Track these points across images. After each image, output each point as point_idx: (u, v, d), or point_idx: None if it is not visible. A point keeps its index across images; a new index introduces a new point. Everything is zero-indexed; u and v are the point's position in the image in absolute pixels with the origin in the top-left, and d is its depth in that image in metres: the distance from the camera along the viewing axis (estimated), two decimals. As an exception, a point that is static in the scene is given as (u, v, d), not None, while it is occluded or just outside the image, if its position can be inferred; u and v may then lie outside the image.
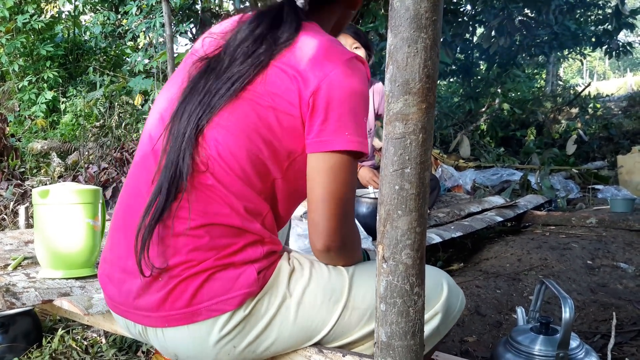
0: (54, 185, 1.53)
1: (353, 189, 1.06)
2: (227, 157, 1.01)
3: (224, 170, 1.01)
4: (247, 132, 1.01)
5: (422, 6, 0.88)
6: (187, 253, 0.99)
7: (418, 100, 0.90)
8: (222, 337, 1.00)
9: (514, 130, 7.81)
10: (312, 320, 1.05)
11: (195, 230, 0.99)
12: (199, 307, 0.98)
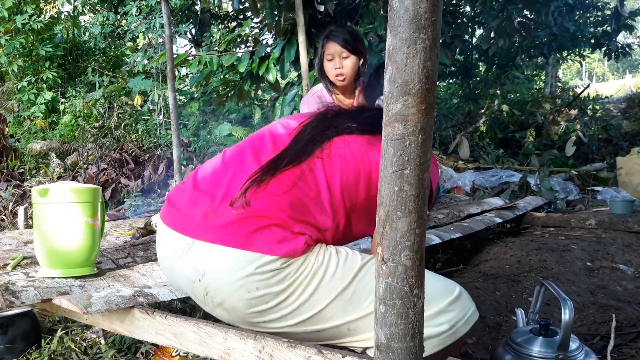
0: (54, 184, 1.53)
1: None
2: (343, 168, 1.30)
3: (335, 174, 1.29)
4: (357, 167, 1.32)
5: (421, 7, 0.87)
6: (268, 206, 1.22)
7: (417, 101, 0.90)
8: (254, 274, 1.17)
9: (513, 131, 7.81)
10: (321, 299, 1.20)
11: (284, 197, 1.24)
12: (255, 240, 1.18)
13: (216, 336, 1.24)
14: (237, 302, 1.20)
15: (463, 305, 1.23)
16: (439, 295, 1.21)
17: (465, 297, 1.25)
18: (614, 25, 7.91)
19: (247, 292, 1.18)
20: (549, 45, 8.56)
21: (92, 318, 1.48)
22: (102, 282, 1.52)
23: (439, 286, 1.24)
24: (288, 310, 1.20)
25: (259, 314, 1.20)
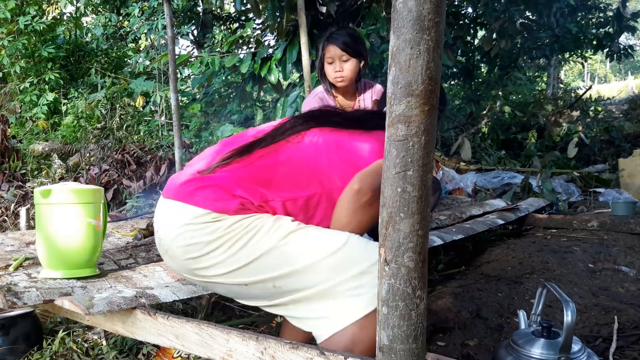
0: (56, 185, 1.53)
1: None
2: (311, 155, 1.45)
3: (300, 158, 1.44)
4: (327, 157, 1.45)
5: (424, 8, 0.87)
6: (223, 173, 1.39)
7: (420, 102, 0.90)
8: (189, 224, 1.34)
9: (515, 133, 7.80)
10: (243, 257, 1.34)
11: (241, 169, 1.40)
12: (195, 196, 1.36)
13: (218, 337, 1.24)
14: (176, 249, 1.38)
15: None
16: (362, 257, 1.28)
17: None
18: (616, 27, 7.89)
19: (183, 240, 1.35)
20: (551, 46, 8.55)
21: (94, 319, 1.48)
22: (104, 283, 1.52)
23: (362, 249, 1.30)
24: (216, 260, 1.34)
25: (193, 260, 1.36)
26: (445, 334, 1.95)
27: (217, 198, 1.36)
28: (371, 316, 1.22)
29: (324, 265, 1.28)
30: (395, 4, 0.90)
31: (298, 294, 1.31)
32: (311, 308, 1.30)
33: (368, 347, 1.22)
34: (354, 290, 1.25)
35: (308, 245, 1.32)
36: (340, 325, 1.24)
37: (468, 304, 2.16)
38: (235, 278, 1.35)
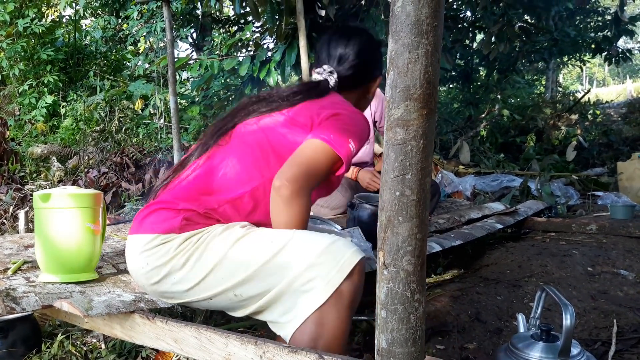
0: (55, 189, 1.53)
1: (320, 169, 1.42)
2: (240, 152, 1.49)
3: (232, 157, 1.48)
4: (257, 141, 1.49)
5: (423, 12, 0.88)
6: (165, 195, 1.45)
7: (419, 106, 0.90)
8: (143, 252, 1.38)
9: (513, 136, 7.81)
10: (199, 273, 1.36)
11: (179, 186, 1.45)
12: (144, 224, 1.41)
13: (217, 341, 1.24)
14: (139, 278, 1.43)
15: (334, 253, 1.26)
16: (307, 251, 1.27)
17: (337, 245, 1.28)
18: (615, 31, 7.91)
19: (142, 268, 1.40)
20: (549, 50, 8.57)
21: (93, 323, 1.48)
22: (103, 287, 1.52)
23: (307, 242, 1.30)
24: (175, 280, 1.37)
25: (157, 285, 1.40)
26: (444, 338, 1.95)
27: (162, 219, 1.39)
28: (325, 309, 1.23)
29: (273, 266, 1.29)
30: (394, 8, 0.90)
31: (261, 299, 1.32)
32: (277, 310, 1.31)
33: (329, 344, 1.23)
34: (306, 285, 1.26)
35: (255, 249, 1.32)
36: (299, 322, 1.25)
37: (467, 307, 2.16)
38: (198, 295, 1.37)
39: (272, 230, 1.37)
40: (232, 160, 1.46)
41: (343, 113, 1.50)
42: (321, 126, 1.45)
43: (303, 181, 1.35)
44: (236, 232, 1.37)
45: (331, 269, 1.24)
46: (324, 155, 1.40)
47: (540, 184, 4.39)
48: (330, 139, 1.40)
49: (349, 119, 1.49)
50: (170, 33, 3.86)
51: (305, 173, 1.36)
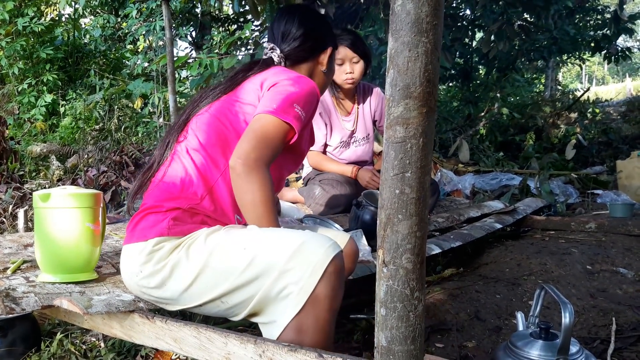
0: (55, 188, 1.53)
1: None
2: (199, 143, 1.49)
3: (193, 148, 1.49)
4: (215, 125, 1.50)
5: (422, 10, 0.88)
6: (147, 199, 1.46)
7: (419, 104, 0.91)
8: (138, 259, 1.36)
9: (513, 134, 7.81)
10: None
11: (157, 187, 1.46)
12: (135, 233, 1.40)
13: (216, 340, 1.24)
14: (133, 286, 1.42)
15: (305, 257, 1.21)
16: (276, 256, 1.24)
17: (308, 246, 1.23)
18: (614, 29, 7.90)
19: (135, 276, 1.39)
20: (549, 48, 8.57)
21: (92, 322, 1.48)
22: (103, 288, 1.52)
23: (277, 246, 1.25)
24: (167, 287, 1.36)
25: (152, 290, 1.38)
26: (444, 336, 1.96)
27: (151, 225, 1.38)
28: (302, 316, 1.21)
29: (250, 275, 1.27)
30: (394, 6, 0.90)
31: (249, 306, 1.30)
32: (266, 315, 1.30)
33: (313, 345, 1.20)
34: (282, 292, 1.24)
35: (230, 258, 1.30)
36: (279, 330, 1.24)
37: (466, 306, 2.16)
38: (189, 303, 1.37)
39: (246, 233, 1.34)
40: (195, 153, 1.47)
41: (284, 79, 1.49)
42: (264, 99, 1.46)
43: (256, 155, 1.36)
44: (216, 239, 1.35)
45: (303, 273, 1.20)
46: (272, 126, 1.40)
47: (539, 183, 4.39)
48: (273, 109, 1.41)
49: (291, 83, 1.48)
50: (170, 32, 3.86)
51: (255, 147, 1.36)
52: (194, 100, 1.59)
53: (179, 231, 1.37)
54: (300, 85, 1.49)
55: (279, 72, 1.54)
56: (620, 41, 11.02)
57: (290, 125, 1.42)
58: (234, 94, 1.54)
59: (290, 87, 1.47)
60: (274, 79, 1.50)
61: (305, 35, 1.67)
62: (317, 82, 1.72)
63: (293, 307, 1.21)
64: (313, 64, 1.71)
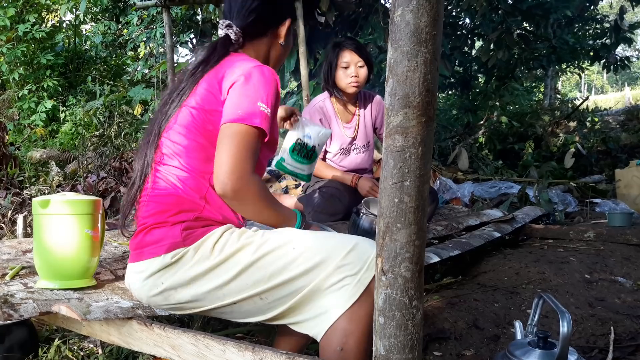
0: (54, 195, 1.53)
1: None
2: (176, 150, 1.45)
3: (172, 157, 1.45)
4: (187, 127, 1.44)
5: (422, 21, 0.89)
6: (144, 214, 1.43)
7: (418, 113, 0.91)
8: (154, 274, 1.36)
9: (512, 143, 7.82)
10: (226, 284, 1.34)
11: (151, 201, 1.42)
12: (144, 251, 1.38)
13: (214, 348, 1.24)
14: (152, 299, 1.41)
15: (361, 253, 1.29)
16: (333, 252, 1.29)
17: (363, 245, 1.31)
18: (613, 38, 7.95)
19: (155, 288, 1.38)
20: (548, 57, 8.61)
21: (90, 329, 1.48)
22: (101, 294, 1.52)
23: (332, 244, 1.32)
24: (197, 289, 1.35)
25: (176, 298, 1.37)
26: (442, 344, 1.95)
27: (160, 239, 1.37)
28: (356, 307, 1.26)
29: (302, 271, 1.30)
30: (393, 16, 0.91)
31: (289, 301, 1.32)
32: (305, 310, 1.32)
33: (360, 339, 1.25)
34: (336, 285, 1.28)
35: (280, 256, 1.32)
36: (331, 321, 1.27)
37: (464, 314, 2.16)
38: (222, 300, 1.36)
39: (290, 234, 1.37)
40: (177, 170, 1.43)
41: (240, 75, 1.42)
42: (227, 104, 1.41)
43: (237, 173, 1.33)
44: (255, 239, 1.37)
45: (361, 267, 1.27)
46: (242, 134, 1.35)
47: (538, 191, 4.39)
48: (239, 116, 1.36)
49: (248, 79, 1.41)
50: (170, 38, 3.87)
51: (234, 165, 1.33)
52: (162, 106, 1.53)
53: (194, 239, 1.37)
54: (257, 78, 1.42)
55: (234, 66, 1.46)
56: (619, 50, 11.08)
57: (258, 127, 1.37)
58: (197, 100, 1.46)
59: (248, 84, 1.40)
60: (231, 78, 1.43)
61: (261, 6, 1.59)
62: (274, 55, 1.66)
63: (349, 297, 1.26)
64: (272, 38, 1.63)
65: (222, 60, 1.51)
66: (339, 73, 2.87)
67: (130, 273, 1.44)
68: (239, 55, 1.55)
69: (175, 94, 1.51)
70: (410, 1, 0.88)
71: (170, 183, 1.42)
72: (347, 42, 2.85)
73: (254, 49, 1.61)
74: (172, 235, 1.36)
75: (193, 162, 1.42)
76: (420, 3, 0.87)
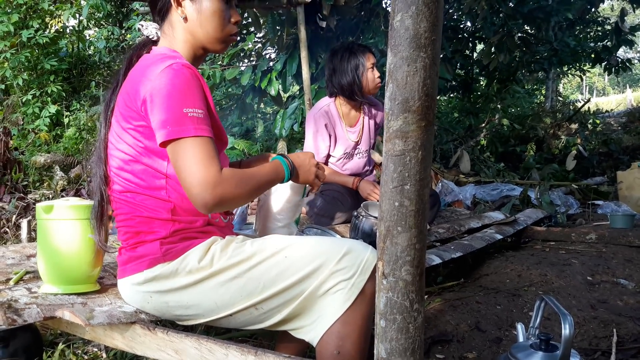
0: (58, 200, 1.54)
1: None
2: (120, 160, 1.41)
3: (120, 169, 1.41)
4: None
5: (421, 26, 0.89)
6: (122, 235, 1.44)
7: (417, 118, 0.92)
8: (139, 289, 1.38)
9: (513, 145, 7.82)
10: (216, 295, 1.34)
11: (122, 221, 1.43)
12: (126, 266, 1.41)
13: (217, 352, 1.25)
14: (150, 310, 1.42)
15: (354, 257, 1.29)
16: (326, 258, 1.29)
17: (356, 249, 1.30)
18: (615, 41, 7.95)
19: (147, 303, 1.39)
20: (549, 60, 8.61)
21: (94, 333, 1.49)
22: (105, 299, 1.53)
23: (325, 249, 1.30)
24: (188, 303, 1.36)
25: (169, 310, 1.39)
26: (444, 347, 1.96)
27: (142, 255, 1.37)
28: (352, 310, 1.26)
29: (296, 279, 1.30)
30: (393, 22, 0.92)
31: (285, 310, 1.32)
32: (302, 317, 1.33)
33: (356, 342, 1.26)
34: (331, 290, 1.28)
35: (272, 265, 1.31)
36: (326, 325, 1.27)
37: (467, 317, 2.16)
38: (217, 314, 1.36)
39: (281, 241, 1.36)
40: (133, 194, 1.39)
41: (152, 90, 1.28)
42: (154, 122, 1.28)
43: (208, 184, 1.24)
44: (244, 249, 1.36)
45: (354, 272, 1.27)
46: (188, 148, 1.25)
47: (540, 193, 4.39)
48: (170, 131, 1.25)
49: (162, 90, 1.27)
50: (172, 44, 3.88)
51: (200, 179, 1.23)
52: (103, 112, 1.46)
53: (175, 254, 1.36)
54: (168, 85, 1.27)
55: (146, 72, 1.33)
56: (621, 52, 11.08)
57: (201, 135, 1.27)
58: (123, 116, 1.37)
59: (163, 95, 1.27)
60: (146, 88, 1.30)
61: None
62: (191, 40, 1.45)
63: (344, 302, 1.26)
64: (174, 15, 1.44)
65: (136, 64, 1.42)
66: (367, 74, 2.91)
67: (120, 288, 1.46)
68: (151, 53, 1.44)
69: (102, 115, 1.46)
70: (409, 7, 0.89)
71: (131, 208, 1.40)
72: (364, 46, 2.95)
73: (166, 37, 1.47)
74: (152, 251, 1.36)
75: (143, 183, 1.38)
76: (420, 8, 0.88)
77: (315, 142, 2.96)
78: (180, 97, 1.27)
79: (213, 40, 1.45)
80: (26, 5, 7.67)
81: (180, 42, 1.45)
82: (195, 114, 1.27)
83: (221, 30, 1.45)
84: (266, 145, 7.42)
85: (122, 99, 1.38)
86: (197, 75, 1.33)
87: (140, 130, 1.34)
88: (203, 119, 1.28)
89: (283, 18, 6.15)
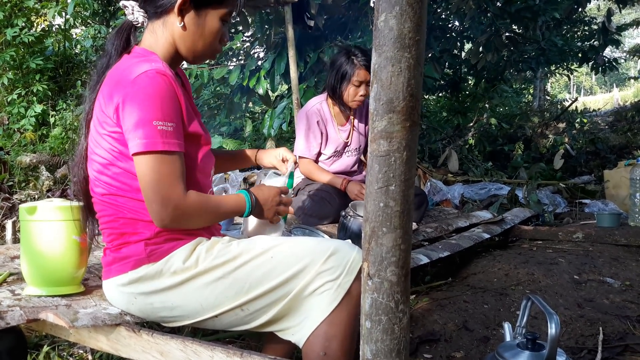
0: (41, 201, 1.52)
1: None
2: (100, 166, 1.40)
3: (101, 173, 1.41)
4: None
5: (405, 26, 0.89)
6: (106, 237, 1.43)
7: (402, 118, 0.92)
8: (124, 291, 1.38)
9: (501, 144, 7.86)
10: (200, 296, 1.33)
11: (106, 223, 1.42)
12: (112, 268, 1.40)
13: (202, 354, 1.24)
14: (135, 312, 1.41)
15: (340, 258, 1.29)
16: (312, 258, 1.29)
17: (342, 249, 1.31)
18: (601, 40, 8.02)
19: (132, 305, 1.39)
20: (537, 59, 8.66)
21: (78, 335, 1.47)
22: (89, 301, 1.51)
23: (311, 250, 1.31)
24: (173, 304, 1.35)
25: (153, 311, 1.39)
26: (432, 346, 1.96)
27: (125, 256, 1.37)
28: (338, 311, 1.26)
29: (281, 280, 1.30)
30: (377, 22, 0.91)
31: (270, 310, 1.32)
32: (288, 318, 1.32)
33: (343, 343, 1.26)
34: (317, 291, 1.28)
35: (258, 266, 1.31)
36: (312, 326, 1.27)
37: (454, 316, 2.17)
38: (202, 315, 1.35)
39: (268, 241, 1.36)
40: (116, 198, 1.38)
41: (129, 93, 1.26)
42: (125, 131, 1.28)
43: (169, 203, 1.27)
44: (230, 249, 1.35)
45: (341, 272, 1.28)
46: (153, 164, 1.26)
47: (527, 192, 4.42)
48: (141, 144, 1.25)
49: (132, 100, 1.26)
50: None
51: (161, 197, 1.27)
52: (84, 113, 1.45)
53: (159, 255, 1.36)
54: (143, 90, 1.25)
55: (122, 77, 1.30)
56: (608, 52, 11.17)
57: (168, 151, 1.27)
58: (99, 121, 1.36)
59: (133, 106, 1.25)
60: (119, 95, 1.28)
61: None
62: (182, 45, 1.41)
63: (330, 302, 1.27)
64: (167, 18, 1.40)
65: (115, 65, 1.39)
66: (350, 89, 2.87)
67: (105, 289, 1.46)
68: (131, 54, 1.41)
69: (83, 116, 1.45)
70: (393, 7, 0.88)
71: (115, 210, 1.39)
72: (362, 59, 2.81)
73: (153, 34, 1.43)
74: (136, 252, 1.36)
75: (124, 186, 1.37)
76: (404, 9, 0.88)
77: (307, 140, 2.97)
78: (152, 108, 1.26)
79: (198, 54, 1.45)
80: (10, 3, 7.58)
81: (167, 43, 1.42)
82: (165, 127, 1.26)
83: (210, 48, 1.45)
84: (255, 144, 7.40)
85: (99, 102, 1.37)
86: (171, 83, 1.31)
87: (114, 136, 1.34)
88: (173, 133, 1.28)
89: (271, 17, 6.14)
